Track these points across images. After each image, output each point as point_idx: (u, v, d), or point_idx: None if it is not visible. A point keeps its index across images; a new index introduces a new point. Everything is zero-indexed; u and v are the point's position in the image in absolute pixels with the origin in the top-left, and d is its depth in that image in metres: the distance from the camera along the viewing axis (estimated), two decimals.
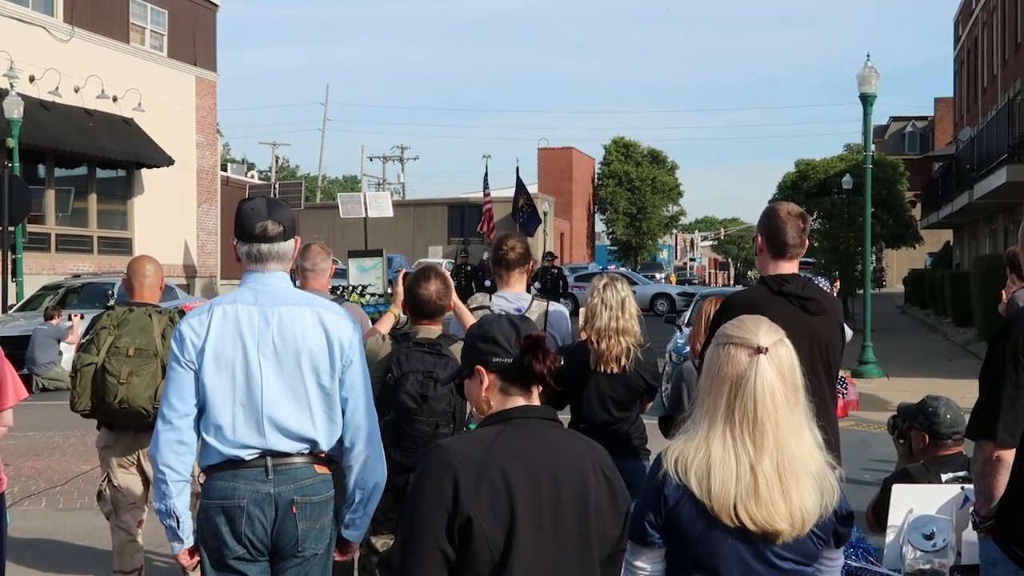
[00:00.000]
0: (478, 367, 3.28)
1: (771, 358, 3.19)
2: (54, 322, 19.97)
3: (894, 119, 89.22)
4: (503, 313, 3.46)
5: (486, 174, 45.82)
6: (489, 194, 44.13)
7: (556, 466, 3.10)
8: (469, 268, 29.97)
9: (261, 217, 4.41)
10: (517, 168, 42.72)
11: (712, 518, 3.16)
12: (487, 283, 26.59)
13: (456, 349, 5.30)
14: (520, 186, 43.80)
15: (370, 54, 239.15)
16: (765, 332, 3.25)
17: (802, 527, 3.16)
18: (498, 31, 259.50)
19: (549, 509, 3.06)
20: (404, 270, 7.03)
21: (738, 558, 3.19)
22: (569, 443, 3.21)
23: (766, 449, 3.15)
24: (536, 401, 3.26)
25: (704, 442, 3.20)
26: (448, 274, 6.01)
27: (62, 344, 19.74)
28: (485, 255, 27.73)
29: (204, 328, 4.33)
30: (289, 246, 4.48)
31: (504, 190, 67.38)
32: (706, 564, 3.22)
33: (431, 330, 5.61)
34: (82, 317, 19.12)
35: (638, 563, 3.32)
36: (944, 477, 5.31)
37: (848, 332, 6.62)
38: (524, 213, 42.90)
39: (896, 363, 22.93)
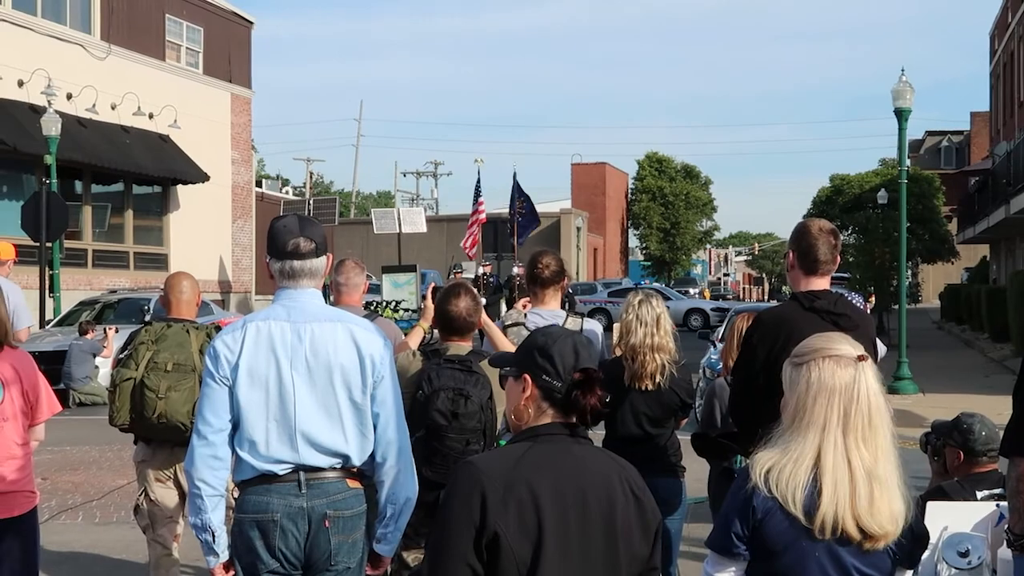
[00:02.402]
0: (526, 375, 3.27)
1: (870, 365, 3.30)
2: (89, 336, 20.12)
3: (930, 133, 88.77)
4: (573, 333, 3.41)
5: (478, 182, 42.07)
6: (482, 203, 40.37)
7: (584, 483, 3.10)
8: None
9: (293, 234, 4.46)
10: (515, 174, 39.33)
11: (800, 530, 3.21)
12: (483, 301, 26.00)
13: (487, 366, 5.31)
14: (516, 191, 40.47)
15: (404, 70, 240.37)
16: (852, 344, 3.35)
17: (897, 531, 3.23)
18: (531, 46, 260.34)
19: (576, 526, 3.06)
20: (434, 284, 7.05)
21: (822, 571, 3.23)
22: (598, 460, 3.20)
23: (881, 452, 3.24)
24: (569, 419, 3.24)
25: (811, 453, 3.24)
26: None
27: (97, 358, 19.88)
28: (480, 270, 26.96)
29: (238, 344, 4.38)
30: (321, 263, 4.53)
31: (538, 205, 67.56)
32: None
33: (461, 347, 5.63)
34: (117, 331, 19.26)
35: (720, 574, 3.36)
36: (979, 495, 5.28)
37: (882, 348, 6.60)
38: (520, 215, 37.98)
39: (932, 379, 22.81)
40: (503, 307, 29.39)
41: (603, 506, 3.09)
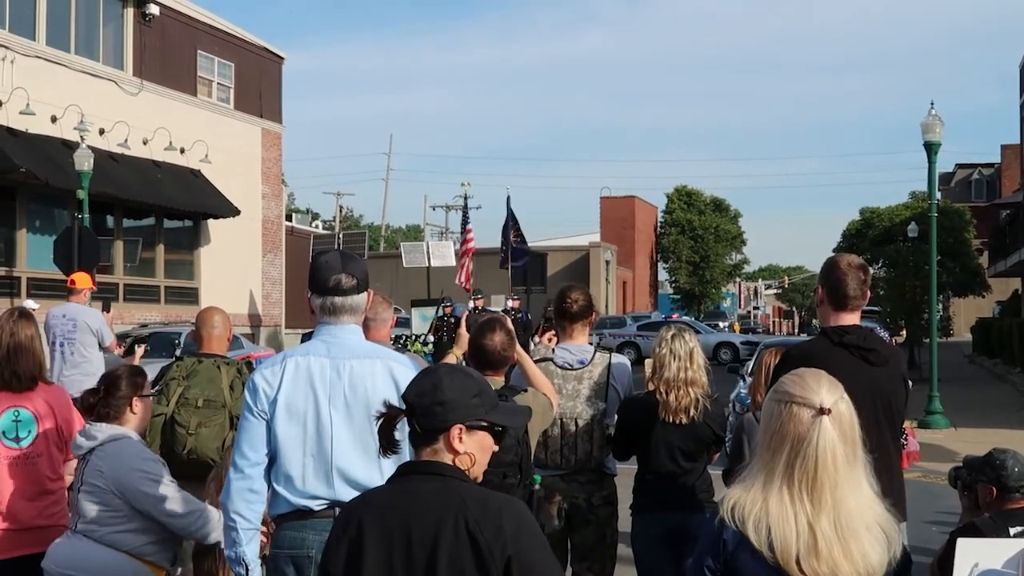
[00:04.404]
0: None
1: (833, 419, 3.21)
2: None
3: (960, 166, 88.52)
4: (442, 367, 3.41)
5: (465, 209, 39.73)
6: (470, 230, 37.94)
7: (412, 521, 3.14)
8: (453, 320, 26.51)
9: (335, 270, 4.51)
10: (508, 199, 36.40)
11: (772, 568, 3.18)
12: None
13: (521, 400, 5.34)
14: (509, 219, 36.67)
15: (433, 103, 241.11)
16: (827, 391, 3.26)
17: None
18: (560, 80, 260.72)
19: (400, 563, 3.12)
20: (468, 311, 7.07)
21: None
22: (436, 498, 3.17)
23: (824, 508, 3.17)
24: (441, 456, 3.26)
25: (761, 495, 3.22)
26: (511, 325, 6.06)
27: None
28: (471, 303, 26.41)
29: (277, 379, 4.42)
30: (362, 299, 4.57)
31: (558, 238, 67.64)
32: None
33: (495, 381, 5.65)
34: (146, 350, 19.21)
35: None
36: (1012, 531, 5.25)
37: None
38: (511, 247, 35.84)
39: (963, 413, 22.66)
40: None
41: (427, 544, 3.11)
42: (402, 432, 4.46)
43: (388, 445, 3.37)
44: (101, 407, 5.54)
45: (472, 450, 3.28)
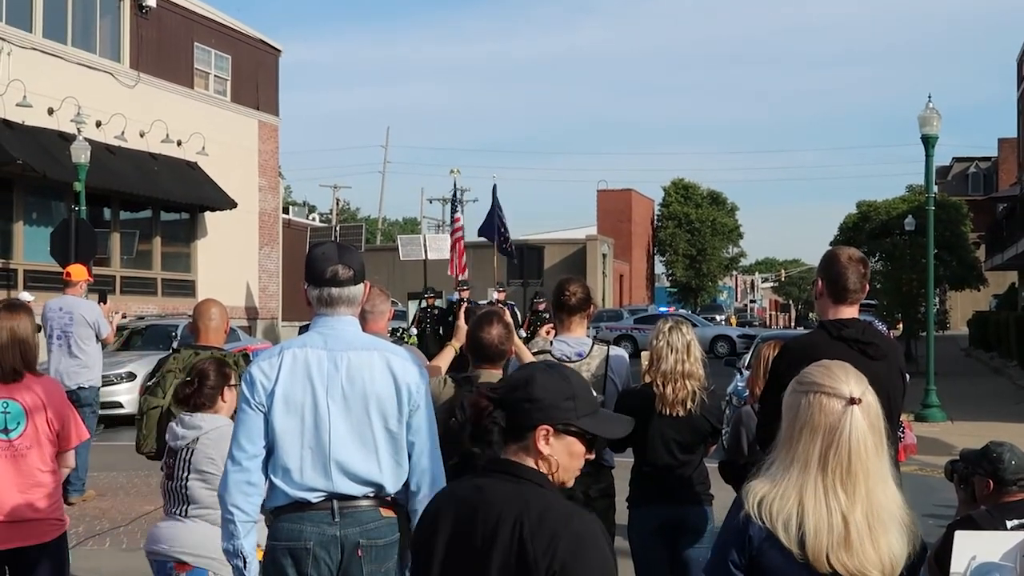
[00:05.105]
0: None
1: (863, 409, 3.20)
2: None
3: (957, 160, 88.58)
4: (538, 367, 3.39)
5: (454, 196, 38.89)
6: (459, 219, 36.83)
7: (477, 519, 3.09)
8: (437, 312, 26.29)
9: (332, 262, 4.50)
10: (494, 187, 35.34)
11: (796, 564, 3.17)
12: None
13: None
14: (496, 207, 35.52)
15: (430, 96, 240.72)
16: (855, 382, 3.26)
17: (892, 573, 3.18)
18: (557, 73, 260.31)
19: (462, 560, 3.10)
20: (466, 304, 7.04)
21: None
22: (502, 498, 3.11)
23: (858, 498, 3.16)
24: (524, 456, 3.19)
25: (794, 491, 3.20)
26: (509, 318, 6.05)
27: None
28: (456, 296, 26.03)
29: (274, 371, 4.41)
30: (359, 290, 4.56)
31: (555, 231, 67.57)
32: None
33: (492, 374, 5.65)
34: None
35: None
36: (1009, 524, 5.25)
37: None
38: (500, 233, 34.62)
39: (960, 407, 22.68)
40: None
41: (485, 544, 3.06)
42: (399, 425, 4.46)
43: (475, 433, 3.32)
44: (196, 397, 5.90)
45: (558, 455, 3.15)
